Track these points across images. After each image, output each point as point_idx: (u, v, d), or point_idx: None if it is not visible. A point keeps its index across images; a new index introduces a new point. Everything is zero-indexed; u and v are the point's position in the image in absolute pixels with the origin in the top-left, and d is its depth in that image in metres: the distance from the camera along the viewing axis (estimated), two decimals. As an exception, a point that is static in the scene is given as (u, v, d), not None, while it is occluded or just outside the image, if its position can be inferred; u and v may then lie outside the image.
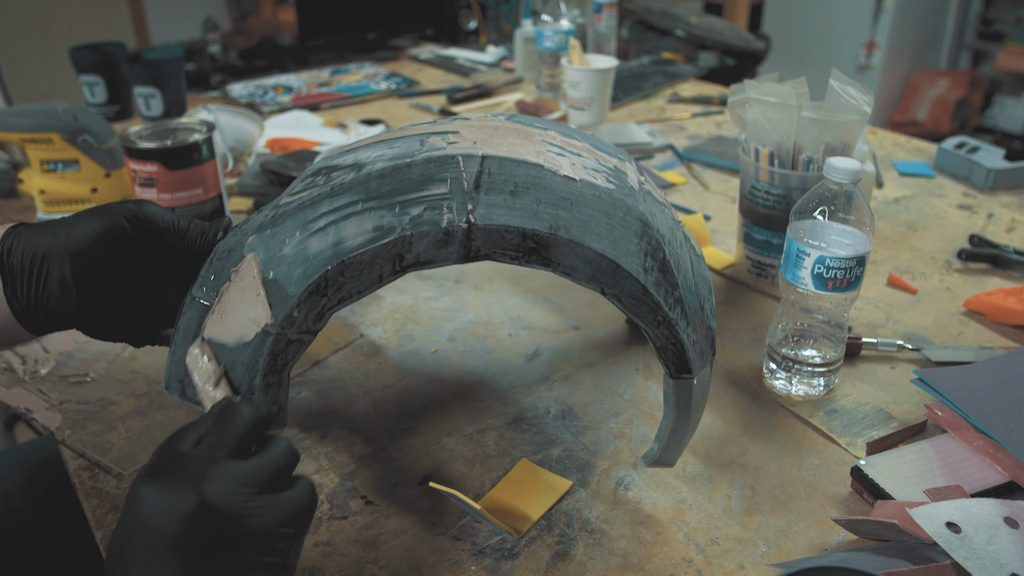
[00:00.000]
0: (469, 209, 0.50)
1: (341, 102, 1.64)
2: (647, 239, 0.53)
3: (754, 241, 0.91)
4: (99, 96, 1.47)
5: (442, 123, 0.61)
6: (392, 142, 0.57)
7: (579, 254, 0.51)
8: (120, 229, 0.54)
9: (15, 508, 0.76)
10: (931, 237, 1.05)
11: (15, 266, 0.52)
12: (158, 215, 0.56)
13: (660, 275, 0.53)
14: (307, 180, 0.56)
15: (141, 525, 0.39)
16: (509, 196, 0.51)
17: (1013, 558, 0.50)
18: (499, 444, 0.67)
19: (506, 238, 0.50)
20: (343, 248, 0.49)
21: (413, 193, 0.51)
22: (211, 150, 1.03)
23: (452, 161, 0.52)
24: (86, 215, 0.54)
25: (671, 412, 0.57)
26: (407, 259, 0.50)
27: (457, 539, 0.58)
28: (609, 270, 0.51)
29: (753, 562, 0.56)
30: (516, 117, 0.65)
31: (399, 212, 0.50)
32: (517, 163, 0.53)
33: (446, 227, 0.49)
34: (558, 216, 0.51)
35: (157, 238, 0.56)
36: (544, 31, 1.55)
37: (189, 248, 0.56)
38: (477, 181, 0.51)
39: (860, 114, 0.79)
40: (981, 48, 3.62)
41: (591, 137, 0.67)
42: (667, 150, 1.37)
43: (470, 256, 0.50)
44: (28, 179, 1.08)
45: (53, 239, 0.53)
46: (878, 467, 0.61)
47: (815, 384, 0.73)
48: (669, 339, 0.53)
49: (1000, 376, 0.69)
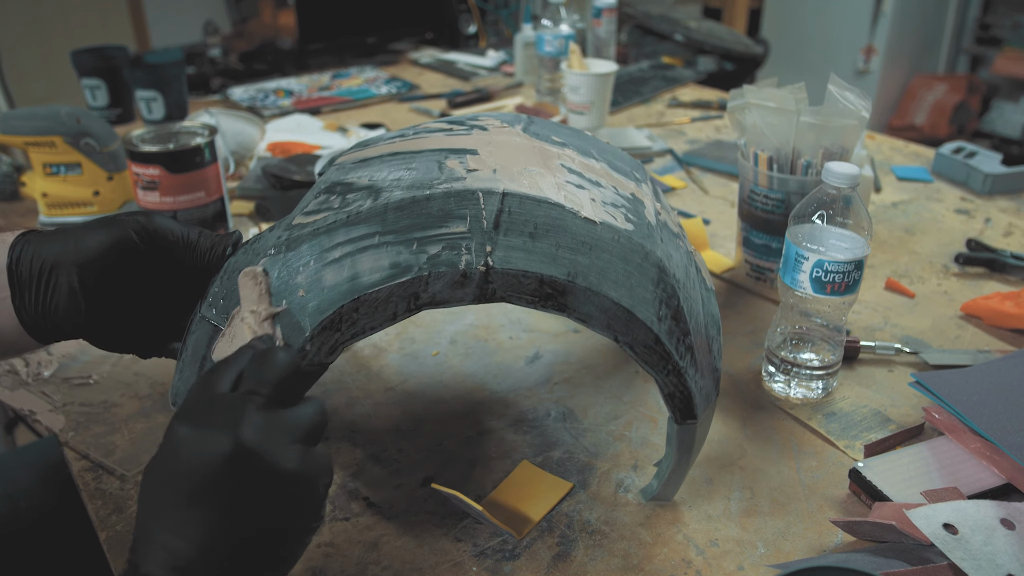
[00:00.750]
0: (488, 251, 0.49)
1: (342, 106, 1.64)
2: (663, 286, 0.52)
3: (753, 245, 0.92)
4: (101, 100, 1.48)
5: (459, 133, 0.60)
6: (408, 159, 0.56)
7: (595, 302, 0.50)
8: (129, 241, 0.54)
9: (19, 510, 0.76)
10: (929, 241, 1.06)
11: (24, 275, 0.52)
12: (167, 228, 0.56)
13: (673, 323, 0.52)
14: (320, 197, 0.55)
15: (176, 467, 0.40)
16: (528, 238, 0.50)
17: (1009, 559, 0.50)
18: (500, 446, 0.68)
19: (523, 283, 0.49)
20: (359, 284, 0.48)
21: (431, 230, 0.49)
22: (213, 153, 1.04)
23: (472, 197, 0.51)
24: (96, 225, 0.54)
25: (673, 454, 0.57)
26: (422, 298, 0.49)
27: (458, 540, 0.58)
28: (624, 319, 0.51)
29: (752, 563, 0.56)
30: (533, 125, 0.64)
31: (417, 249, 0.49)
32: (538, 202, 0.52)
33: (464, 269, 0.48)
34: (577, 262, 0.50)
35: (166, 251, 0.56)
36: (544, 35, 1.56)
37: (198, 262, 0.56)
38: (497, 221, 0.50)
39: (858, 119, 0.80)
40: (979, 53, 3.63)
41: (607, 149, 0.66)
42: (666, 154, 1.37)
43: (485, 298, 0.49)
44: (31, 182, 1.08)
45: (62, 248, 0.53)
46: (876, 469, 0.62)
47: (813, 387, 0.73)
48: (678, 387, 0.53)
49: (997, 379, 0.69)
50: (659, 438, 0.69)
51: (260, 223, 1.06)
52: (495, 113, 0.67)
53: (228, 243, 0.56)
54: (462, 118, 0.66)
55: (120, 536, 0.59)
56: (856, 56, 3.50)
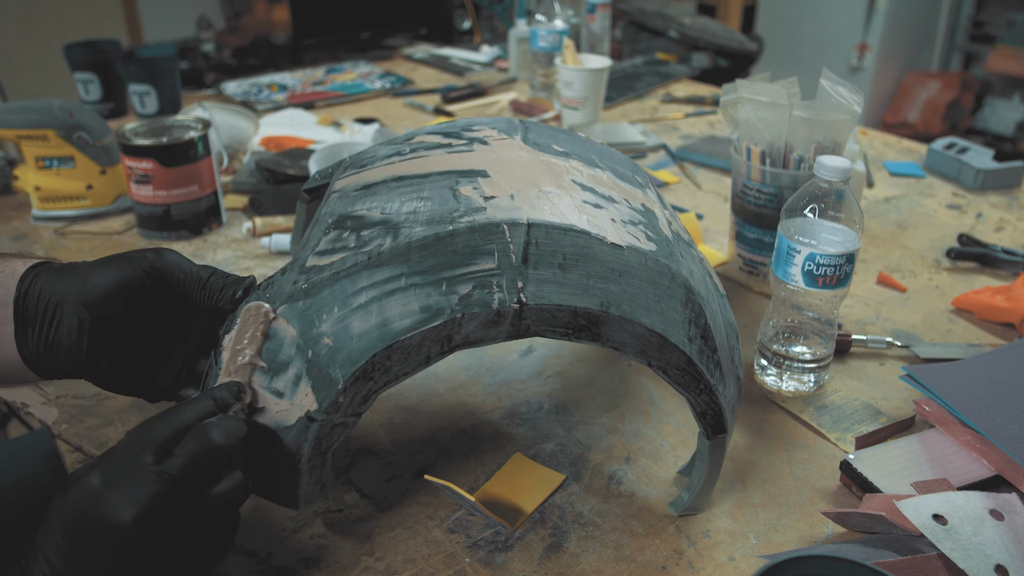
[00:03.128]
0: (519, 287, 0.48)
1: (336, 100, 1.64)
2: (691, 306, 0.52)
3: (746, 239, 0.92)
4: (94, 94, 1.47)
5: (460, 150, 0.58)
6: (417, 185, 0.54)
7: (629, 330, 0.49)
8: (138, 283, 0.52)
9: (9, 502, 0.76)
10: (921, 236, 1.06)
11: (29, 310, 0.51)
12: (176, 266, 0.54)
13: (702, 342, 0.52)
14: (331, 234, 0.53)
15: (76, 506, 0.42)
16: (559, 270, 0.49)
17: (998, 549, 0.51)
18: (493, 438, 0.68)
19: (557, 316, 0.48)
20: (390, 331, 0.46)
21: (459, 268, 0.48)
22: (207, 147, 1.04)
23: (498, 231, 0.49)
24: (104, 264, 0.53)
25: (704, 468, 0.56)
26: (456, 340, 0.47)
27: (451, 532, 0.58)
28: (657, 344, 0.50)
29: (743, 554, 0.57)
30: (531, 133, 0.62)
31: (446, 291, 0.47)
32: (564, 231, 0.50)
33: (497, 308, 0.47)
34: (608, 291, 0.49)
35: (175, 290, 0.54)
36: (538, 31, 1.56)
37: (208, 303, 0.54)
38: (525, 254, 0.49)
39: (850, 113, 0.80)
40: (972, 50, 3.64)
41: (605, 153, 0.65)
42: (660, 149, 1.38)
43: (519, 334, 0.48)
44: (23, 176, 1.08)
45: (69, 286, 0.51)
46: (867, 461, 0.62)
47: (805, 380, 0.74)
48: (710, 405, 0.53)
49: (987, 373, 0.70)
50: (652, 430, 0.69)
51: (253, 217, 1.06)
52: (489, 120, 0.66)
53: (241, 287, 0.54)
54: (457, 128, 0.63)
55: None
56: (850, 53, 3.51)
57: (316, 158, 1.08)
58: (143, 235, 1.05)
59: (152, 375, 0.55)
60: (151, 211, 1.02)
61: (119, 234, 1.06)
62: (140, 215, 1.04)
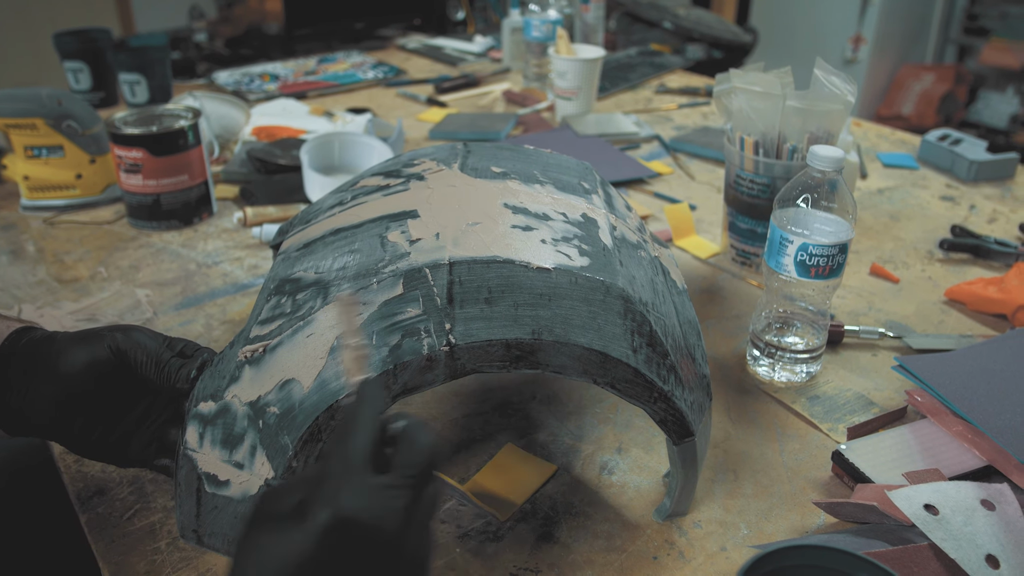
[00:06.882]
0: (447, 329, 0.48)
1: (328, 90, 1.63)
2: (631, 316, 0.51)
3: (739, 230, 0.92)
4: (83, 83, 1.46)
5: (396, 190, 0.58)
6: (350, 237, 0.55)
7: (566, 352, 0.49)
8: (105, 363, 0.54)
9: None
10: (914, 227, 1.06)
11: (6, 379, 0.53)
12: (140, 347, 0.55)
13: (649, 350, 0.51)
14: (272, 301, 0.54)
15: None
16: (485, 304, 0.49)
17: (989, 539, 0.51)
18: (485, 429, 0.68)
19: (490, 351, 0.48)
20: (328, 392, 0.47)
21: (387, 320, 0.49)
22: (197, 137, 1.03)
23: (419, 276, 0.50)
24: (78, 341, 0.54)
25: (679, 473, 0.56)
26: (395, 390, 0.48)
27: (442, 522, 0.58)
28: (598, 361, 0.50)
29: (735, 544, 0.57)
30: (471, 158, 0.62)
31: (377, 343, 0.48)
32: (487, 264, 0.50)
33: (427, 353, 0.47)
34: (539, 317, 0.49)
35: (136, 372, 0.55)
36: (532, 21, 1.55)
37: (167, 386, 0.55)
38: (450, 295, 0.49)
39: (844, 103, 0.80)
40: (966, 43, 3.64)
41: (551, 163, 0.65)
42: (653, 140, 1.37)
43: (456, 374, 0.49)
44: (12, 165, 1.07)
45: (45, 361, 0.53)
46: (858, 452, 0.62)
47: (798, 371, 0.74)
48: (668, 411, 0.53)
49: (979, 363, 0.70)
50: (644, 420, 0.69)
51: (244, 207, 1.05)
52: (433, 149, 0.66)
53: (194, 366, 0.55)
54: (399, 165, 0.64)
55: (101, 518, 0.58)
56: (844, 45, 3.51)
57: (308, 148, 1.07)
58: (133, 224, 1.04)
59: (123, 445, 0.56)
60: (141, 200, 1.02)
61: (109, 224, 1.05)
62: (130, 204, 1.03)
